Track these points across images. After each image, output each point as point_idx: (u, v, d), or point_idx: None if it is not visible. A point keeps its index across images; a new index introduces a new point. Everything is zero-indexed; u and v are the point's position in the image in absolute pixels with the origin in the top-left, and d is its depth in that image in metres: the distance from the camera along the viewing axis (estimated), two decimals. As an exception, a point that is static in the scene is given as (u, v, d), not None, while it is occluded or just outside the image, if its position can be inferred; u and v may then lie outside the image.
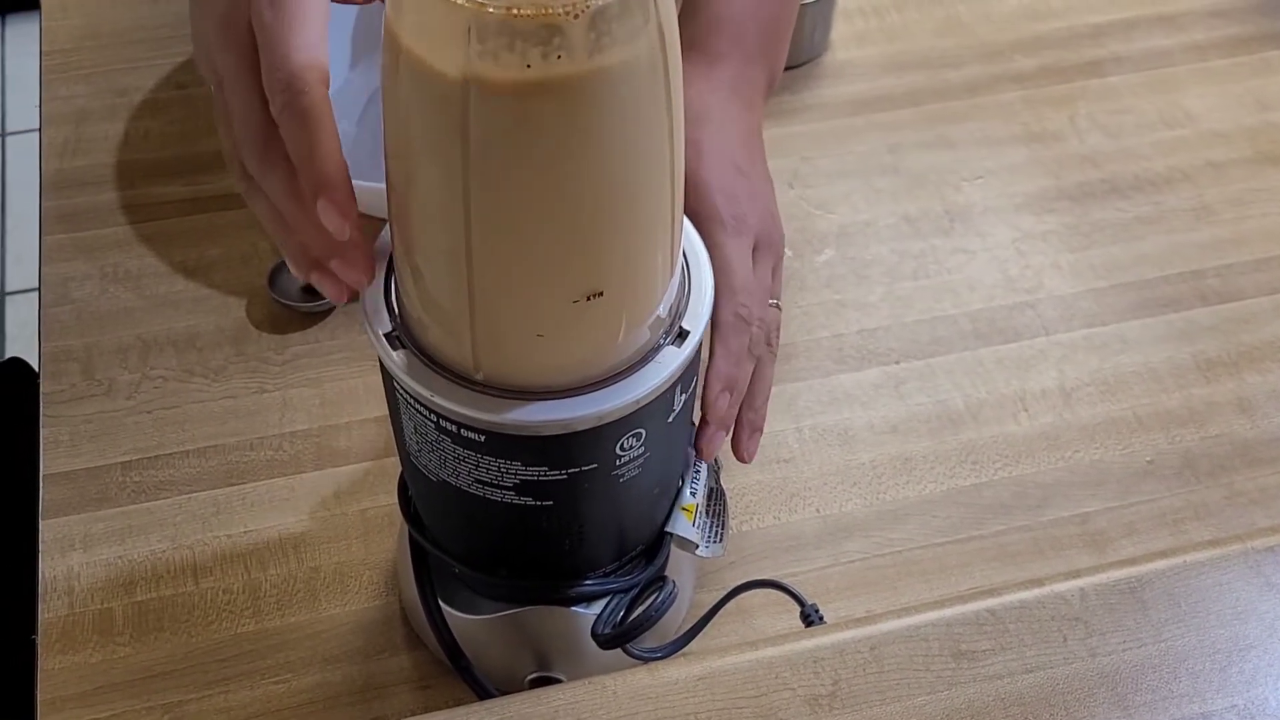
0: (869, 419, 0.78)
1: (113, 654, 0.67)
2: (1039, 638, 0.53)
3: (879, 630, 0.54)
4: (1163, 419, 0.78)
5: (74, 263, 0.83)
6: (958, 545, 0.73)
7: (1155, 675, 0.52)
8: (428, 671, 0.67)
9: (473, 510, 0.55)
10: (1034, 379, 0.80)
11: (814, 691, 0.52)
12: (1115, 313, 0.84)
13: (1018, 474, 0.76)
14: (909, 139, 0.93)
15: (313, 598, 0.69)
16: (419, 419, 0.53)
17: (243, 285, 0.82)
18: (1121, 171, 0.92)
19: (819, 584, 0.71)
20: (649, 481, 0.57)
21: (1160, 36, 1.01)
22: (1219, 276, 0.86)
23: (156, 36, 0.97)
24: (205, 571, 0.70)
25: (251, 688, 0.66)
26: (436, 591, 0.62)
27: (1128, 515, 0.74)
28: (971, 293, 0.84)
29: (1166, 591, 0.55)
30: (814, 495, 0.74)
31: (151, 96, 0.93)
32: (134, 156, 0.89)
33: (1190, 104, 0.97)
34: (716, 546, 0.63)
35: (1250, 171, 0.92)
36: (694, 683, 0.52)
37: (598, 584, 0.60)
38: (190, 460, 0.74)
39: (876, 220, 0.88)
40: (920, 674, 0.52)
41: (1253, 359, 0.81)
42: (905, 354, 0.81)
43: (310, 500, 0.73)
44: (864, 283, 0.85)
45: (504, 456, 0.52)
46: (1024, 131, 0.94)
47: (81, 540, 0.71)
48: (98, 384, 0.77)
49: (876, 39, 1.00)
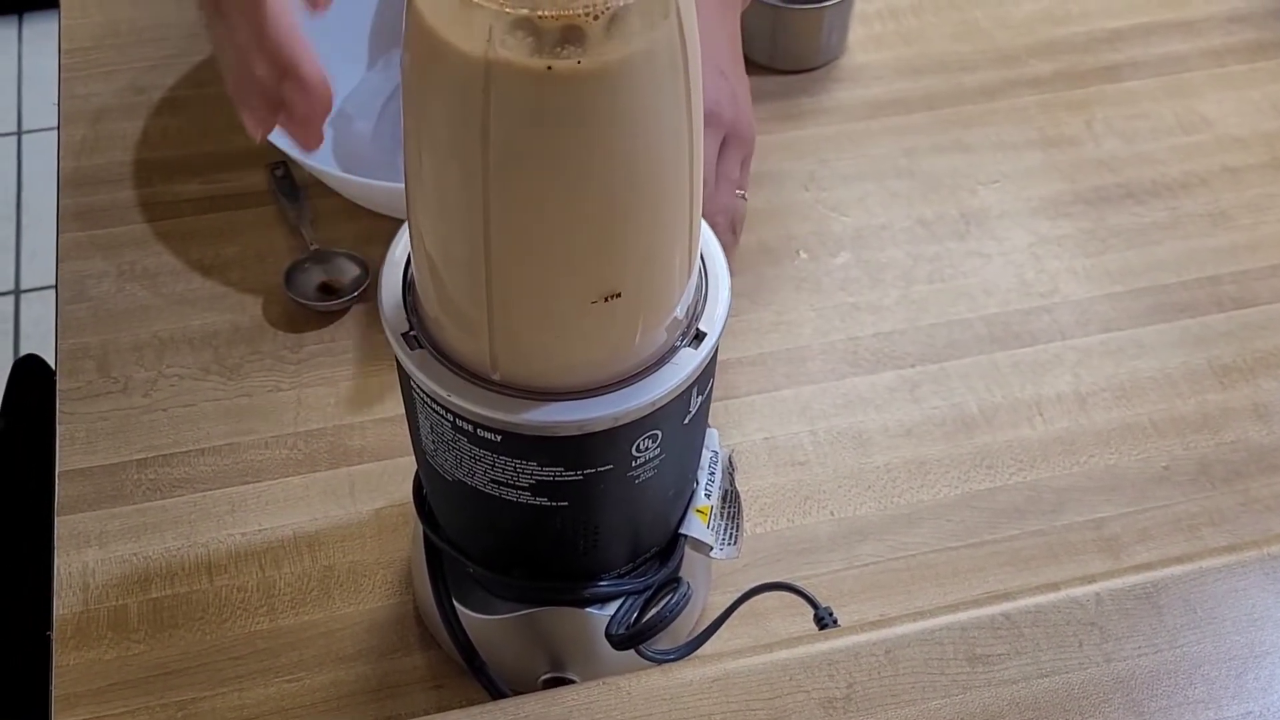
0: (883, 422, 0.78)
1: (127, 651, 0.67)
2: (1054, 642, 0.53)
3: (894, 633, 0.54)
4: (1178, 425, 0.78)
5: (91, 260, 0.84)
6: (971, 549, 0.72)
7: (1170, 681, 0.52)
8: (441, 671, 0.67)
9: (488, 510, 0.55)
10: (1049, 383, 0.80)
11: (829, 694, 0.52)
12: (1131, 318, 0.84)
13: (1032, 478, 0.75)
14: (925, 143, 0.93)
15: (327, 596, 0.69)
16: (435, 418, 0.53)
17: (259, 283, 0.82)
18: (1138, 176, 0.92)
19: (833, 587, 0.71)
20: (664, 483, 0.57)
21: (1177, 41, 1.01)
22: (1235, 282, 0.85)
23: (176, 35, 0.98)
24: (220, 569, 0.70)
25: (265, 686, 0.66)
26: (451, 591, 0.62)
27: (1143, 521, 0.74)
28: (987, 296, 0.84)
29: (1182, 597, 0.54)
30: (828, 498, 0.74)
31: (170, 95, 0.94)
32: (151, 155, 0.90)
33: (1207, 109, 0.96)
34: (731, 549, 0.63)
35: (1267, 177, 0.92)
36: (708, 684, 0.52)
37: (612, 585, 0.60)
38: (205, 458, 0.74)
39: (892, 223, 0.88)
40: (935, 677, 0.52)
41: (1269, 365, 0.81)
42: (920, 357, 0.81)
43: (325, 499, 0.73)
44: (879, 286, 0.85)
45: (520, 457, 0.52)
46: (1040, 136, 0.94)
47: (97, 537, 0.71)
48: (114, 381, 0.78)
49: (893, 43, 1.00)
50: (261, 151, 0.86)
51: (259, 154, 0.88)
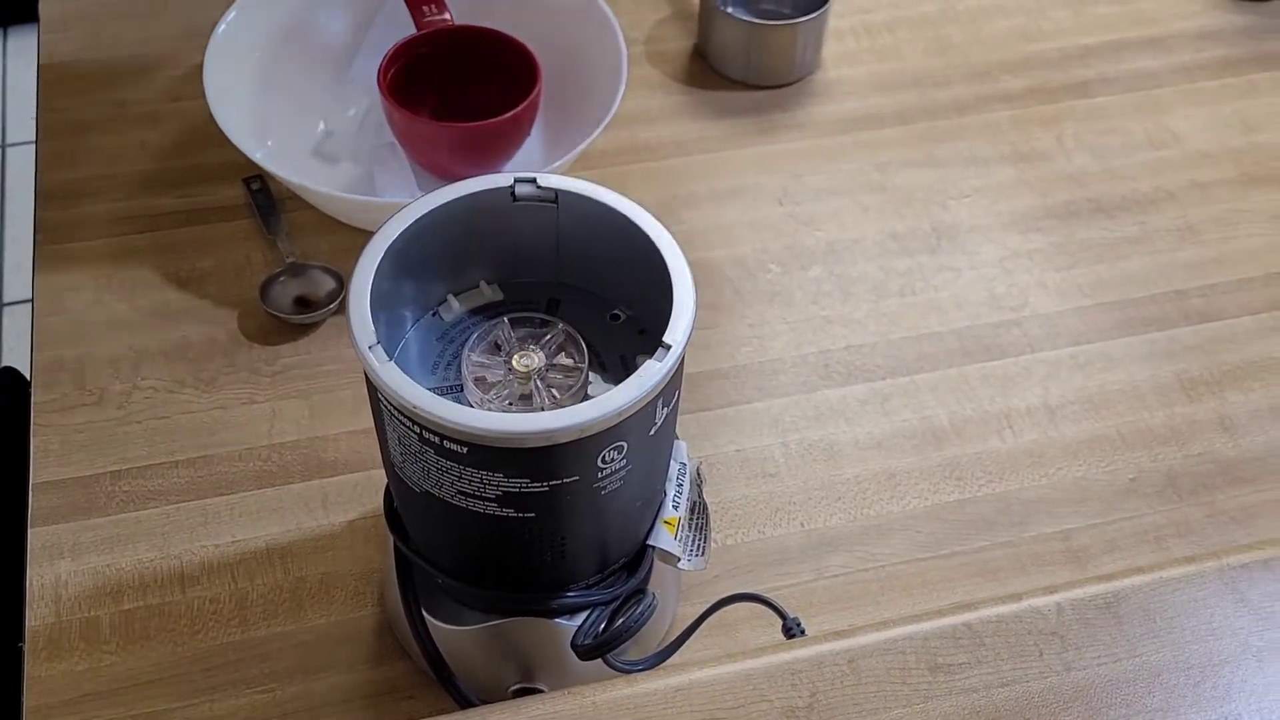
0: (854, 435, 0.78)
1: (99, 662, 0.67)
2: (1015, 652, 0.54)
3: (857, 644, 0.54)
4: (1145, 437, 0.79)
5: (68, 273, 0.84)
6: (940, 560, 0.73)
7: (1129, 690, 0.53)
8: (413, 682, 0.67)
9: (456, 522, 0.56)
10: (1019, 396, 0.81)
11: (791, 703, 0.52)
12: (1100, 331, 0.84)
13: (1001, 490, 0.76)
14: (897, 157, 0.94)
15: (299, 608, 0.70)
16: (402, 430, 0.53)
17: (235, 296, 0.83)
18: (1108, 191, 0.93)
19: (803, 598, 0.71)
20: (631, 494, 0.57)
21: (1148, 58, 1.02)
22: (1202, 296, 0.86)
23: (156, 50, 0.98)
24: (192, 581, 0.70)
25: (236, 697, 0.66)
26: (421, 602, 0.63)
27: (1110, 532, 0.75)
28: (958, 310, 0.85)
29: (1142, 607, 0.55)
30: (799, 510, 0.75)
31: (149, 109, 0.94)
32: (130, 169, 0.90)
33: (1177, 125, 0.97)
34: (698, 560, 0.64)
35: (1235, 192, 0.93)
36: (672, 694, 0.52)
37: (580, 596, 0.61)
38: (179, 470, 0.75)
39: (864, 237, 0.89)
40: (897, 687, 0.53)
41: (1235, 378, 0.82)
42: (891, 370, 0.81)
43: (298, 511, 0.73)
44: (851, 299, 0.85)
45: (486, 468, 0.52)
46: (1011, 151, 0.95)
47: (70, 549, 0.71)
48: (89, 394, 0.78)
49: (867, 59, 1.01)
50: (239, 165, 0.87)
51: (236, 167, 0.88)
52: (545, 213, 0.59)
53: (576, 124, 0.86)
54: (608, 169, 0.91)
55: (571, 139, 0.84)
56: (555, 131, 0.90)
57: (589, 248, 0.60)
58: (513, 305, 0.61)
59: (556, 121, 0.89)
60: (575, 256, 0.61)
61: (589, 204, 0.58)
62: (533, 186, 0.58)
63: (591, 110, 0.85)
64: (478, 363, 0.57)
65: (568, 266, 0.61)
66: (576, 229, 0.59)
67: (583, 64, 0.89)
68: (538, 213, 0.59)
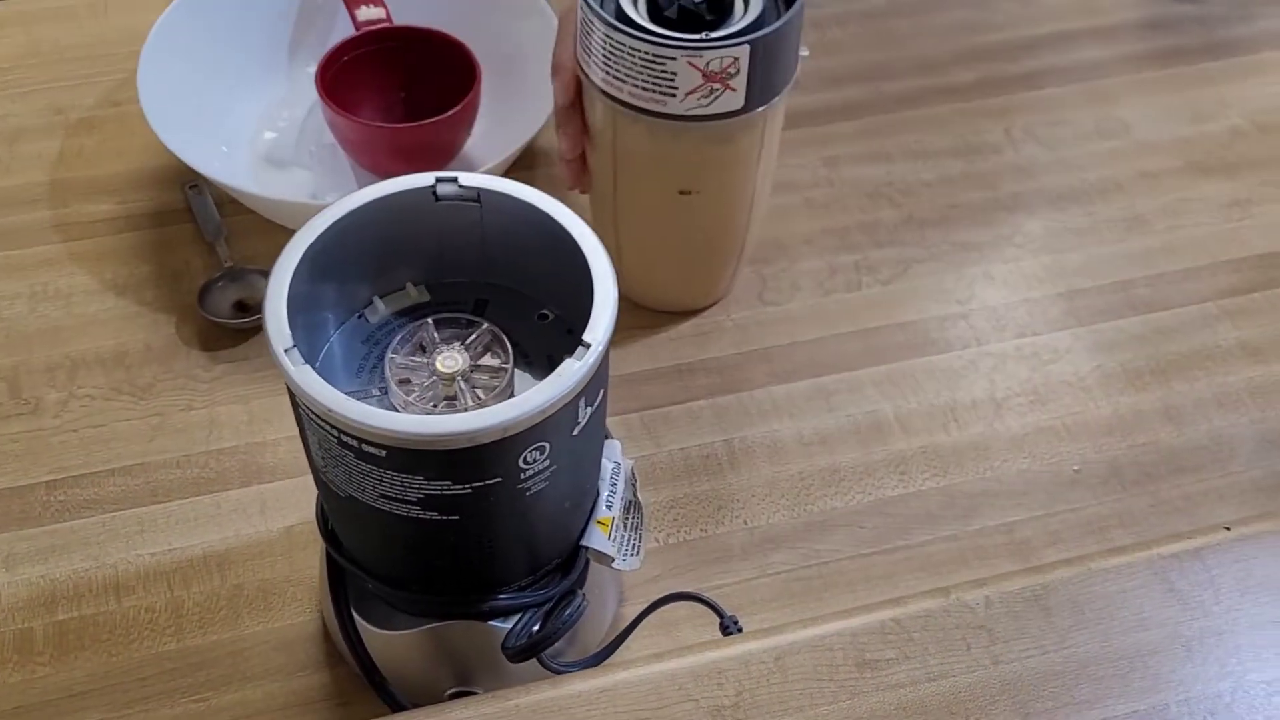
0: (798, 430, 0.78)
1: (32, 674, 0.67)
2: (943, 646, 0.53)
3: (784, 641, 0.54)
4: (1090, 428, 0.79)
5: (4, 282, 0.83)
6: (884, 556, 0.73)
7: (1058, 682, 0.52)
8: (348, 688, 0.66)
9: (380, 525, 0.55)
10: (964, 389, 0.80)
11: (717, 703, 0.52)
12: (1047, 322, 0.84)
13: (945, 484, 0.76)
14: (845, 152, 0.94)
15: (235, 615, 0.69)
16: (322, 434, 0.53)
17: (173, 302, 0.82)
18: (1055, 183, 0.92)
19: (745, 595, 0.71)
20: (558, 495, 0.57)
21: (1096, 49, 1.02)
22: (1149, 286, 0.86)
23: (96, 54, 0.97)
24: (128, 590, 0.70)
25: (171, 707, 0.66)
26: (354, 607, 0.62)
27: (1054, 524, 0.74)
28: (904, 304, 0.84)
29: (1071, 599, 0.55)
30: (741, 507, 0.74)
31: (88, 114, 0.93)
32: (67, 174, 0.89)
33: (1125, 115, 0.97)
34: (633, 560, 0.63)
35: (1183, 182, 0.93)
36: (597, 695, 0.52)
37: (511, 598, 0.60)
38: (115, 478, 0.74)
39: (810, 232, 0.88)
40: (824, 684, 0.52)
41: (1180, 368, 0.82)
42: (836, 365, 0.81)
43: (235, 517, 0.73)
44: (797, 294, 0.85)
45: (406, 471, 0.52)
46: (960, 143, 0.95)
47: (4, 560, 0.70)
48: (24, 403, 0.77)
49: (815, 53, 1.00)
50: (177, 170, 0.86)
51: (175, 173, 0.87)
52: (469, 212, 0.58)
53: (521, 123, 0.85)
54: (552, 168, 0.90)
55: (518, 138, 0.84)
56: (503, 129, 0.89)
57: (515, 247, 0.59)
58: (439, 306, 0.61)
59: (503, 120, 0.89)
60: (502, 256, 0.60)
61: (513, 203, 0.57)
62: (455, 186, 0.57)
63: (537, 108, 0.84)
64: (401, 364, 0.57)
65: (495, 267, 0.61)
66: (502, 229, 0.59)
67: (525, 62, 0.88)
68: (462, 213, 0.58)
